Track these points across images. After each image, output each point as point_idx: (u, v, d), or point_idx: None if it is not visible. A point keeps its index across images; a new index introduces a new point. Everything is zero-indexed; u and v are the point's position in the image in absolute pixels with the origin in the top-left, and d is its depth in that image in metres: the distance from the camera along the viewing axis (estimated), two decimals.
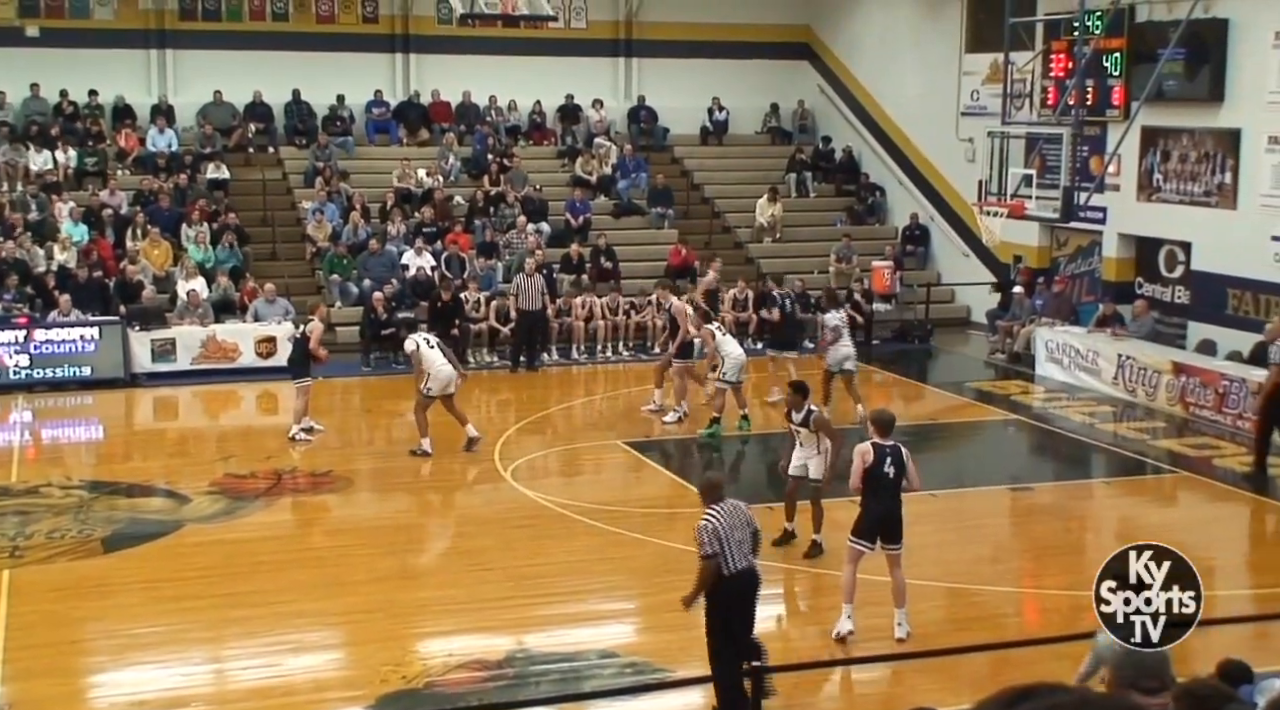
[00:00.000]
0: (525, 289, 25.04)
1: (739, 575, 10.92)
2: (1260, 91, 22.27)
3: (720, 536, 10.87)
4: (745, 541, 11.04)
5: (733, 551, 10.89)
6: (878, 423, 13.12)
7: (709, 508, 11.10)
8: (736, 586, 10.92)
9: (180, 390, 23.52)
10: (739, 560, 10.92)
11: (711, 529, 10.89)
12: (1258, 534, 17.23)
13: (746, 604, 11.04)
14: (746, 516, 11.19)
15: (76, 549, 15.27)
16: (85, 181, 28.34)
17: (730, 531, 10.92)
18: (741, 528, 11.05)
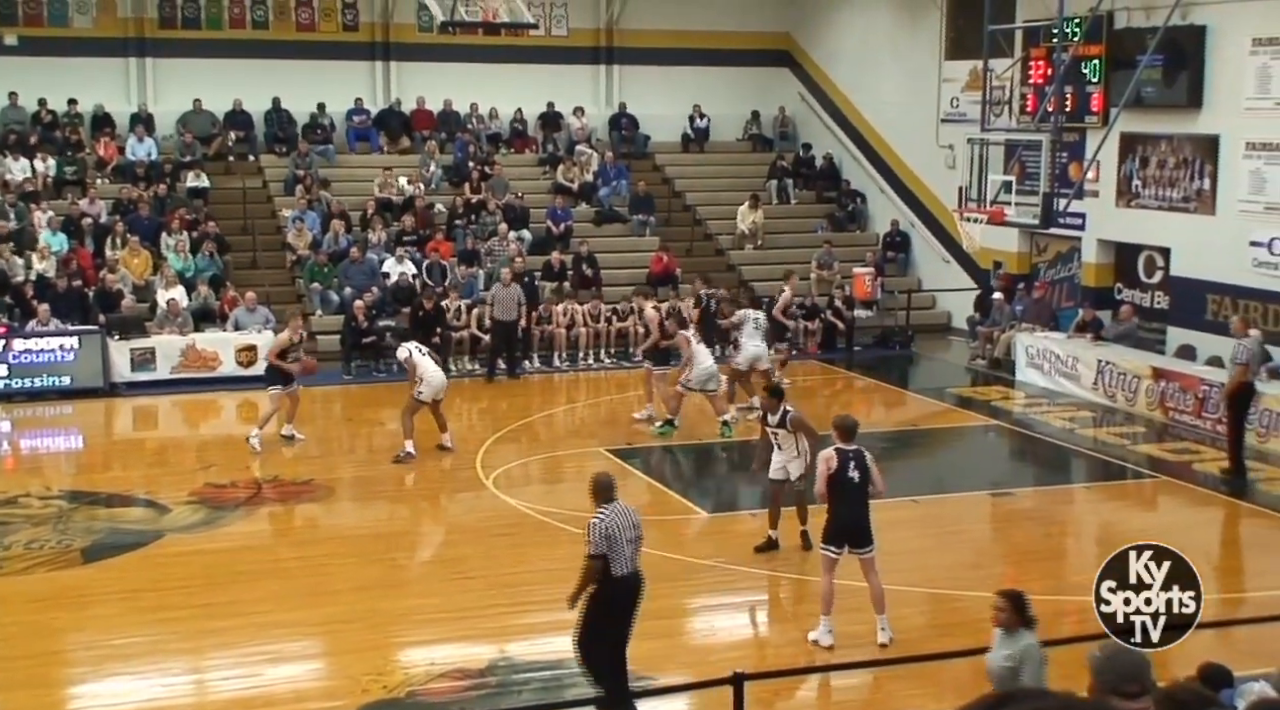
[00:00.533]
0: (501, 299, 24.94)
1: (627, 578, 11.03)
2: (1238, 97, 22.35)
3: (610, 537, 10.94)
4: (635, 544, 11.12)
5: (621, 553, 10.96)
6: (840, 428, 13.12)
7: (600, 507, 11.17)
8: (623, 588, 11.02)
9: (160, 399, 23.45)
10: (627, 563, 11.02)
11: (602, 529, 10.96)
12: (1237, 538, 17.27)
13: (630, 608, 11.14)
14: (635, 520, 11.26)
15: (56, 559, 15.20)
16: (64, 190, 28.26)
17: (621, 533, 10.99)
18: (631, 530, 11.11)
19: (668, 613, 13.94)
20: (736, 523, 16.61)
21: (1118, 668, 6.02)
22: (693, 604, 14.49)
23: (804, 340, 27.26)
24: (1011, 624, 9.23)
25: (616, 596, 11.03)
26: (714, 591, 14.76)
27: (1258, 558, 16.23)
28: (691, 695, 11.57)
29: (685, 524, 16.62)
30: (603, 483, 11.50)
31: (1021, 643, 9.15)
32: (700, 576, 14.90)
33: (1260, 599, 13.90)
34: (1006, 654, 9.10)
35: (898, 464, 20.92)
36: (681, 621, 13.99)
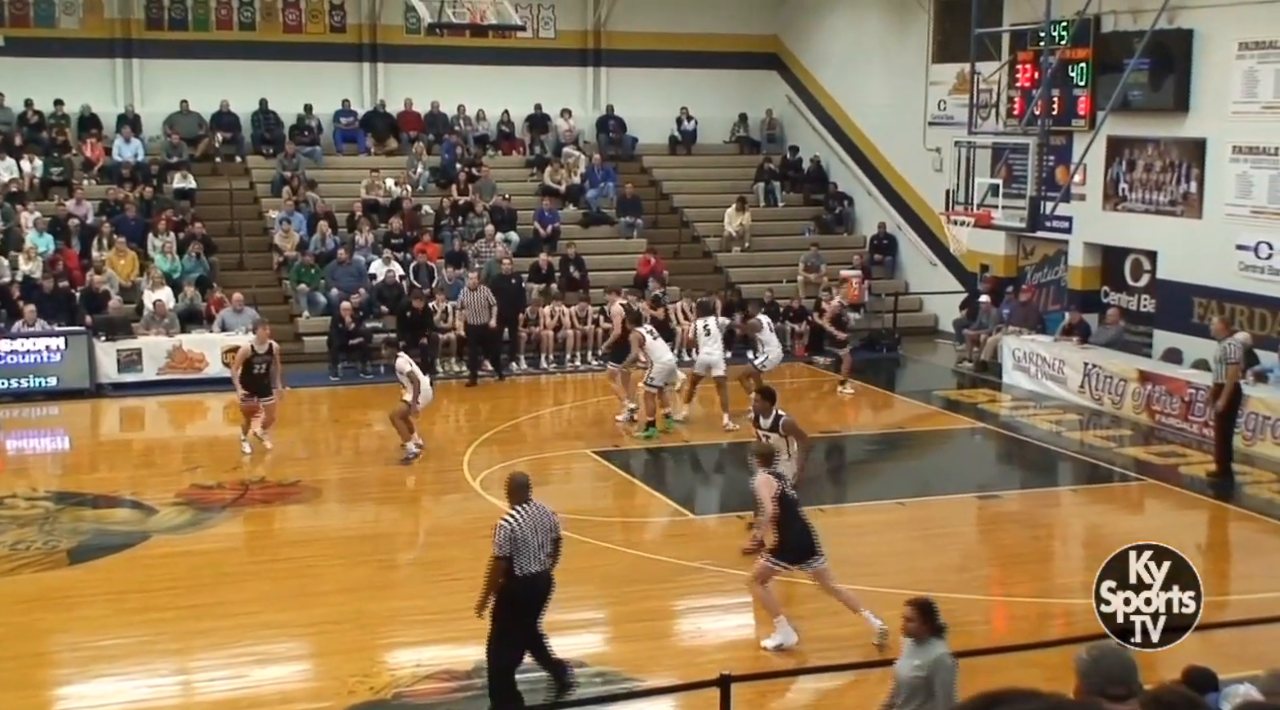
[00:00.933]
0: (470, 302, 24.88)
1: (531, 578, 11.11)
2: (1224, 101, 22.41)
3: (515, 539, 11.04)
4: (545, 546, 11.20)
5: (527, 554, 11.06)
6: (758, 456, 13.40)
7: (513, 507, 11.28)
8: (527, 587, 11.12)
9: (146, 401, 23.41)
10: (533, 563, 11.10)
11: (508, 532, 11.06)
12: (1224, 541, 17.30)
13: (536, 607, 11.27)
14: (551, 522, 11.34)
15: (42, 560, 15.17)
16: (51, 191, 28.19)
17: (528, 534, 11.08)
18: (542, 532, 11.20)
19: (655, 615, 13.96)
20: (724, 524, 16.61)
21: (1104, 670, 6.02)
22: (680, 606, 14.49)
23: (791, 343, 27.27)
24: (920, 633, 9.19)
25: (520, 595, 11.15)
26: (701, 593, 14.75)
27: (1243, 561, 16.27)
28: (678, 697, 11.56)
29: (672, 526, 16.62)
30: (517, 483, 11.61)
31: (933, 653, 9.10)
32: (687, 578, 14.89)
33: (1246, 602, 13.92)
34: (916, 663, 9.08)
35: (885, 466, 20.99)
36: (668, 623, 13.99)
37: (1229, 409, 18.72)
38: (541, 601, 11.33)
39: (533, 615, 11.35)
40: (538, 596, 11.28)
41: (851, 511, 17.71)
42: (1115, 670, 6.05)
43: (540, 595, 11.29)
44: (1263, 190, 21.87)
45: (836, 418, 22.67)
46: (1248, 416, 19.62)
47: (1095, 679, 5.95)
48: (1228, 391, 18.59)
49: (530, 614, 11.32)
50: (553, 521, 11.38)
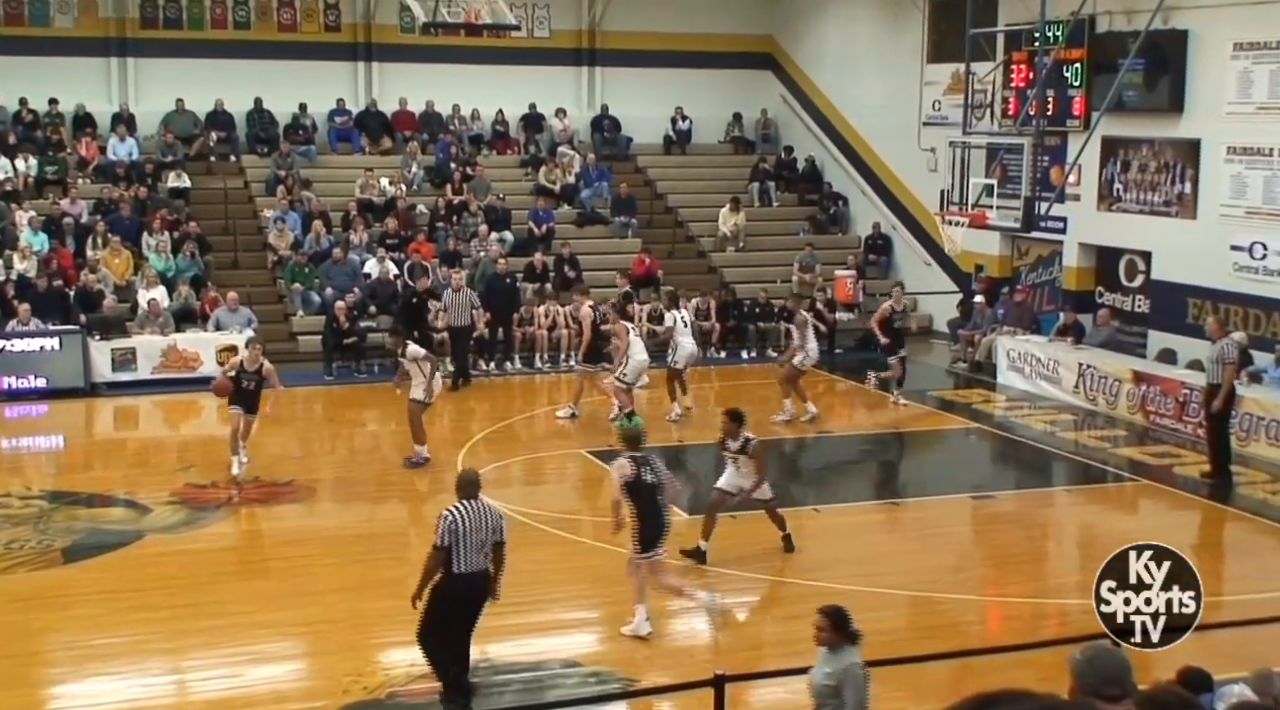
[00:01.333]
0: (452, 304, 24.77)
1: (468, 576, 11.14)
2: (1219, 102, 22.43)
3: (457, 532, 11.08)
4: (485, 546, 11.20)
5: (466, 550, 11.09)
6: (626, 439, 13.28)
7: (459, 502, 11.31)
8: (461, 585, 11.15)
9: (141, 400, 23.39)
10: (471, 561, 11.12)
11: (450, 522, 11.12)
12: (1218, 542, 17.31)
13: (470, 607, 11.30)
14: (495, 523, 11.31)
15: (36, 559, 15.16)
16: (45, 190, 28.17)
17: (470, 531, 11.11)
18: (485, 531, 11.20)
19: (649, 614, 13.94)
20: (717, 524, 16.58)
21: (1099, 670, 6.02)
22: (674, 606, 14.47)
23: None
24: (833, 641, 9.04)
25: (453, 592, 11.17)
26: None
27: (1238, 561, 16.27)
28: (673, 697, 11.56)
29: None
30: (463, 479, 11.67)
31: (845, 661, 8.97)
32: (680, 578, 14.87)
33: (1240, 602, 13.93)
34: (828, 671, 8.96)
35: (879, 467, 21.01)
36: (663, 623, 13.98)
37: (1225, 410, 18.73)
38: (475, 604, 11.33)
39: (463, 616, 11.32)
40: (472, 597, 11.28)
41: (846, 512, 17.72)
42: (1110, 670, 6.04)
43: (475, 596, 11.29)
44: (1257, 191, 21.90)
45: (830, 418, 22.65)
46: (1242, 417, 19.64)
47: (1090, 679, 5.94)
48: (1224, 393, 18.58)
49: (460, 614, 11.30)
50: (497, 523, 11.35)
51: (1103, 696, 5.84)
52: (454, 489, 11.68)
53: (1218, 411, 18.69)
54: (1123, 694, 5.89)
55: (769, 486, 15.37)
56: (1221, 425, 18.84)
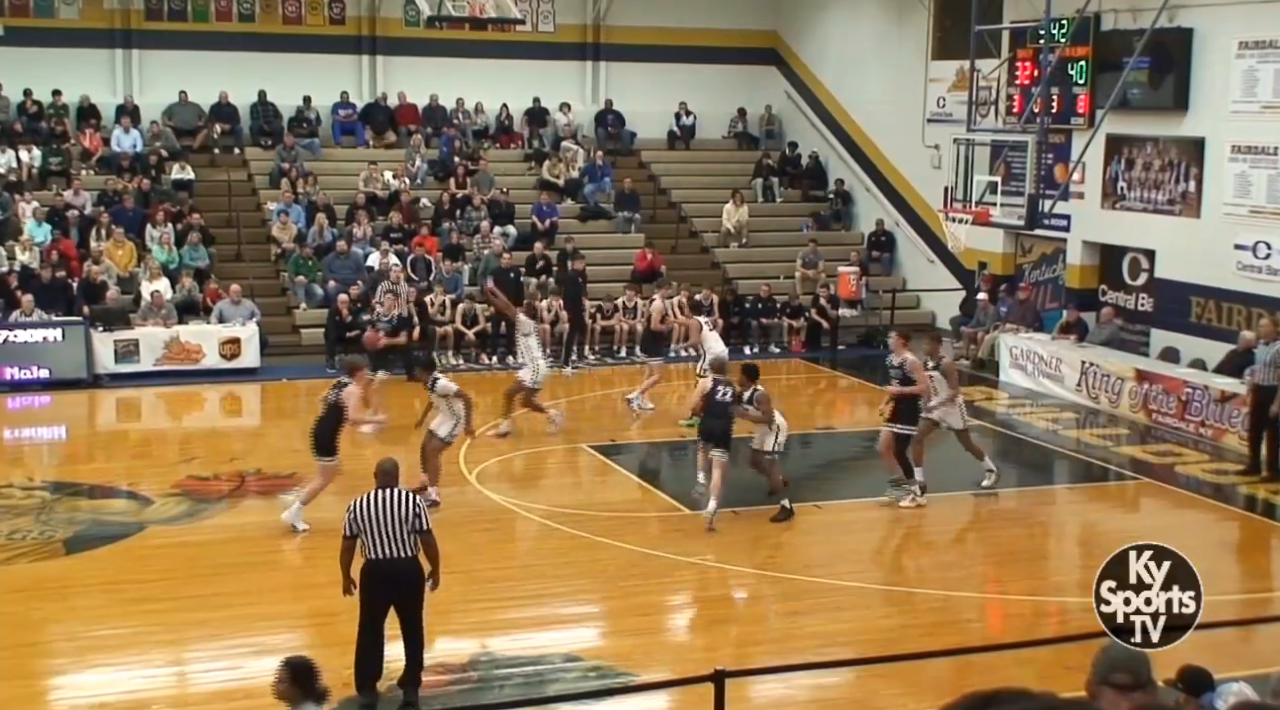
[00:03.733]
0: (400, 296, 24.69)
1: (383, 562, 11.24)
2: (1224, 100, 22.42)
3: (356, 521, 11.26)
4: (399, 532, 11.20)
5: (375, 537, 11.21)
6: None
7: (373, 491, 11.38)
8: (374, 572, 11.28)
9: (143, 391, 23.40)
10: (383, 548, 11.21)
11: (351, 513, 11.32)
12: (1219, 541, 17.30)
13: (392, 592, 11.36)
14: (404, 513, 11.24)
15: (38, 550, 15.18)
16: (49, 181, 28.16)
17: (373, 519, 11.19)
18: (394, 520, 11.21)
19: (650, 610, 13.98)
20: (721, 520, 16.60)
21: (1110, 657, 6.01)
22: (675, 601, 14.52)
23: (788, 339, 27.32)
24: (292, 697, 8.22)
25: (369, 577, 11.32)
26: (696, 589, 14.79)
27: (1240, 560, 16.29)
28: (673, 692, 11.56)
29: (668, 521, 16.62)
30: (379, 468, 11.69)
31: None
32: (682, 573, 14.92)
33: (1242, 601, 13.94)
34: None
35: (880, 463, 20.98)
36: (663, 618, 14.01)
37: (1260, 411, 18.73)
38: (399, 590, 11.34)
39: (386, 602, 11.37)
40: (393, 583, 11.31)
41: (847, 508, 17.71)
42: (1120, 657, 6.03)
43: (397, 582, 11.31)
44: (1261, 190, 21.88)
45: (832, 414, 22.65)
46: (1244, 415, 19.60)
47: (1101, 666, 5.94)
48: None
49: (382, 599, 11.36)
50: (410, 511, 11.26)
51: (1111, 684, 5.82)
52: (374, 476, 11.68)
53: (1276, 416, 18.57)
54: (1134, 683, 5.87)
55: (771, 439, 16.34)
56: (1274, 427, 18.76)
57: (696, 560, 15.15)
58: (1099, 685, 5.82)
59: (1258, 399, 18.81)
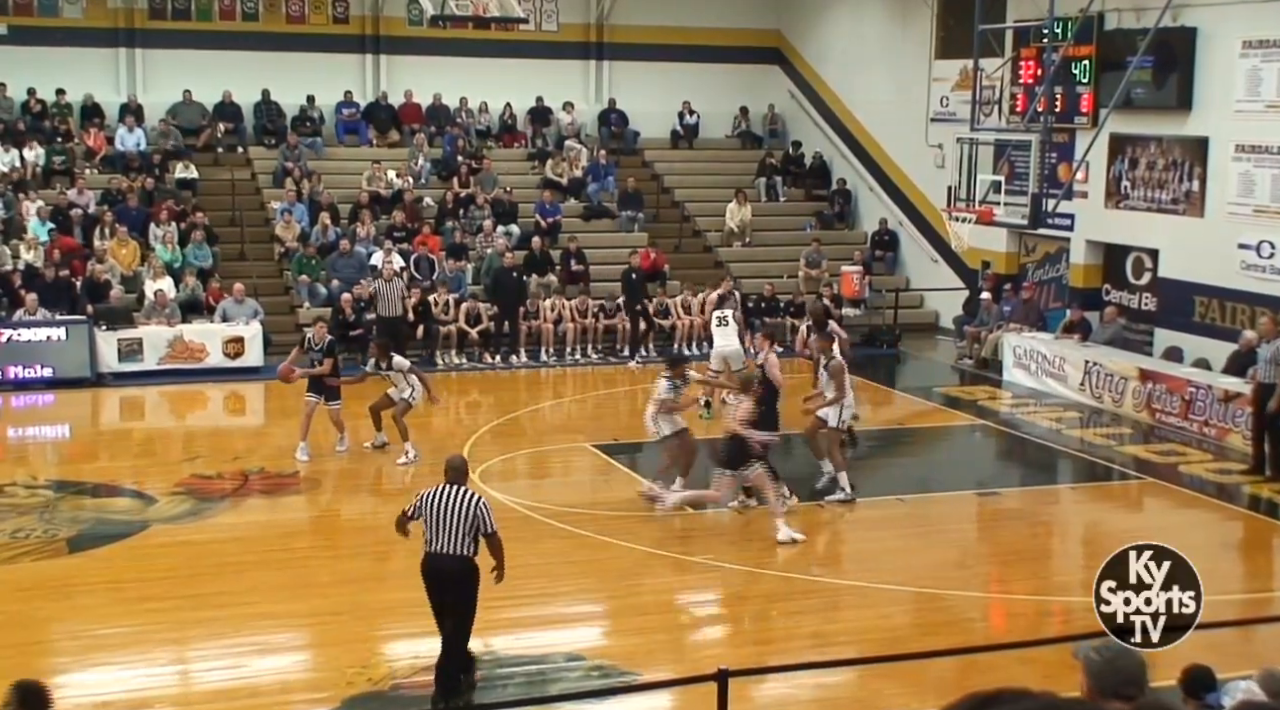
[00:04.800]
0: (384, 294, 24.70)
1: (436, 556, 11.28)
2: (1227, 100, 22.40)
3: (420, 507, 11.39)
4: (459, 530, 11.21)
5: (434, 531, 11.27)
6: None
7: (442, 485, 11.44)
8: (429, 566, 11.34)
9: (147, 390, 23.41)
10: (441, 543, 11.24)
11: (418, 499, 11.47)
12: (1223, 541, 17.29)
13: (438, 590, 11.40)
14: (472, 510, 11.25)
15: (41, 549, 15.18)
16: (53, 180, 28.17)
17: (437, 512, 11.24)
18: (457, 518, 11.22)
19: (652, 609, 13.98)
20: (721, 519, 16.60)
21: (1119, 670, 6.00)
22: (678, 600, 14.51)
23: (790, 339, 27.30)
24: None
25: (424, 567, 11.42)
26: (699, 588, 14.78)
27: (1242, 560, 16.27)
28: (676, 691, 11.56)
29: (671, 520, 16.60)
30: (448, 464, 11.75)
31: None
32: (685, 572, 14.92)
33: (1246, 601, 13.94)
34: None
35: (884, 463, 20.96)
36: (666, 617, 14.00)
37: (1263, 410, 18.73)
38: (444, 586, 11.34)
39: (434, 594, 11.42)
40: (440, 578, 11.34)
41: (851, 507, 17.69)
42: (1131, 670, 6.03)
43: (443, 578, 11.32)
44: (1265, 189, 21.87)
45: None
46: (1248, 415, 19.59)
47: (1110, 679, 5.93)
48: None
49: (432, 592, 11.42)
50: (474, 512, 11.24)
51: (1121, 696, 5.83)
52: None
53: (1275, 412, 18.56)
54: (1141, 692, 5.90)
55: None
56: (1273, 425, 18.76)
57: (700, 559, 15.14)
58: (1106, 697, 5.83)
59: (1260, 398, 18.82)
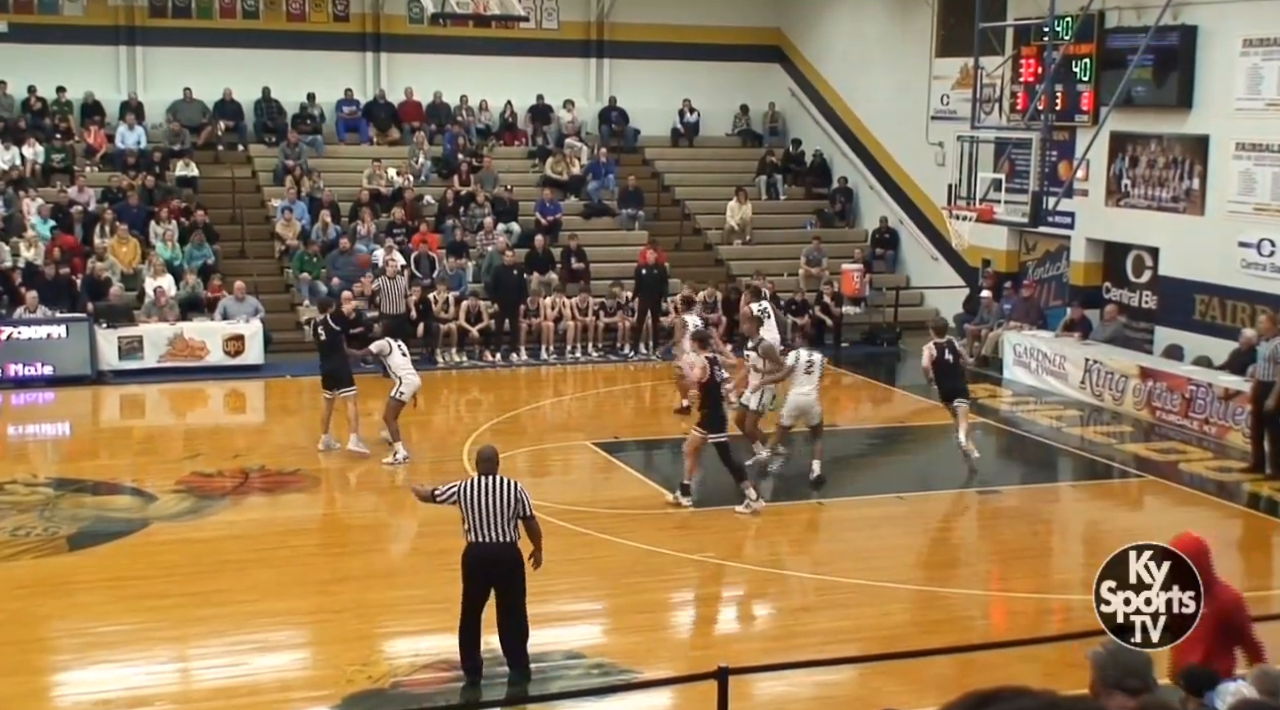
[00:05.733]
0: (388, 292, 24.69)
1: (482, 546, 11.52)
2: (1228, 98, 22.40)
3: (460, 500, 11.62)
4: (500, 518, 11.48)
5: (476, 522, 11.49)
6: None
7: (477, 476, 11.73)
8: (476, 555, 11.57)
9: (147, 388, 23.41)
10: (484, 533, 11.48)
11: (455, 490, 11.70)
12: (1222, 538, 17.29)
13: (490, 578, 11.62)
14: (510, 497, 11.57)
15: (41, 547, 15.19)
16: (53, 178, 28.17)
17: (478, 504, 11.48)
18: (498, 506, 11.50)
19: (653, 606, 13.98)
20: (721, 517, 16.61)
21: (1121, 664, 6.04)
22: (677, 598, 14.52)
23: (792, 336, 27.26)
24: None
25: (469, 559, 11.64)
26: (699, 585, 14.79)
27: (1242, 558, 16.27)
28: (676, 689, 11.56)
29: (670, 518, 16.62)
30: (479, 455, 12.10)
31: None
32: (685, 570, 14.92)
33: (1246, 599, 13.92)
34: None
35: (884, 460, 21.00)
36: (666, 616, 14.01)
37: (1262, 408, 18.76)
38: (497, 576, 11.57)
39: (484, 585, 11.59)
40: (491, 568, 11.55)
41: (851, 505, 17.71)
42: (1134, 663, 6.06)
43: (495, 568, 11.55)
44: (1265, 187, 21.87)
45: (836, 412, 22.64)
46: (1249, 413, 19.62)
47: (1113, 672, 5.96)
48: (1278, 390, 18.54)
49: (480, 583, 11.59)
50: (511, 498, 11.55)
51: (1125, 689, 5.86)
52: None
53: (1274, 410, 18.59)
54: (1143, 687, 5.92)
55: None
56: (1274, 423, 18.78)
57: (699, 557, 15.15)
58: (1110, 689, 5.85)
59: (1259, 395, 18.83)
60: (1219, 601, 8.49)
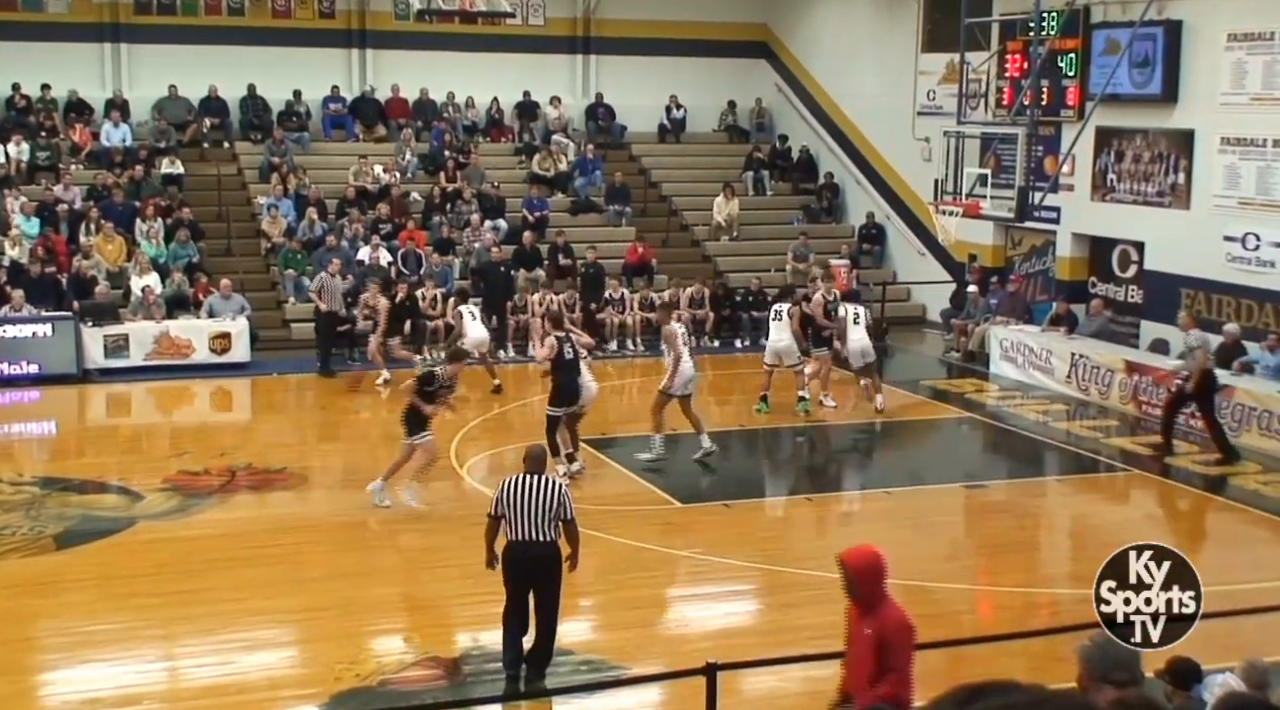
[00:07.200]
0: (329, 288, 24.48)
1: (520, 544, 11.48)
2: (1213, 93, 22.45)
3: (502, 502, 11.51)
4: (542, 516, 11.46)
5: (517, 520, 11.45)
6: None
7: (521, 474, 11.68)
8: (515, 554, 11.52)
9: (133, 386, 23.37)
10: (524, 531, 11.45)
11: (497, 492, 11.63)
12: (1209, 532, 17.36)
13: (529, 576, 11.59)
14: (556, 497, 11.54)
15: (28, 546, 15.15)
16: (38, 176, 28.10)
17: (519, 503, 11.44)
18: (538, 504, 11.47)
19: (641, 603, 13.99)
20: (709, 513, 16.62)
21: (1109, 656, 6.05)
22: (666, 594, 14.52)
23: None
24: None
25: (509, 558, 11.59)
26: (687, 582, 14.80)
27: (1228, 551, 16.31)
28: (665, 685, 11.57)
29: (658, 514, 16.63)
30: (526, 453, 12.08)
31: None
32: (673, 567, 14.94)
33: (1230, 592, 13.95)
34: None
35: (872, 456, 21.02)
36: (655, 612, 14.01)
37: (1203, 393, 18.87)
38: (537, 574, 11.56)
39: (524, 583, 11.58)
40: (532, 566, 11.52)
41: (838, 501, 17.74)
42: (1122, 655, 6.08)
43: (536, 566, 11.53)
44: (1250, 182, 21.92)
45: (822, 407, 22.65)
46: (1233, 407, 19.69)
47: (1101, 665, 5.98)
48: (1198, 375, 18.90)
49: (520, 581, 11.58)
50: (553, 499, 11.51)
51: (1112, 682, 5.87)
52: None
53: (1194, 393, 18.81)
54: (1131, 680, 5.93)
55: None
56: (1208, 410, 18.94)
57: (687, 553, 15.16)
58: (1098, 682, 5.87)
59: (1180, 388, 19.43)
60: (882, 621, 8.67)
